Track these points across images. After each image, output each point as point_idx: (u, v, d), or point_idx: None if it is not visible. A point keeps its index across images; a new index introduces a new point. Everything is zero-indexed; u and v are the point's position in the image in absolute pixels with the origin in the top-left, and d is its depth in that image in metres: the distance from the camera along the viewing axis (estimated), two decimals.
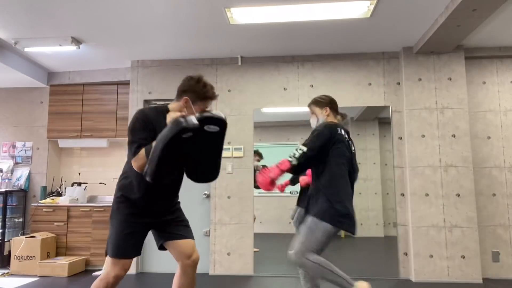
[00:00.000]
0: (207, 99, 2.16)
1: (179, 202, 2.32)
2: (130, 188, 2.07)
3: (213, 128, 1.94)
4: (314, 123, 2.63)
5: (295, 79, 4.59)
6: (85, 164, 5.35)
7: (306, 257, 2.28)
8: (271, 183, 2.40)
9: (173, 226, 2.18)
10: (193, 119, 1.83)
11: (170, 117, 1.95)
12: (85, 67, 5.02)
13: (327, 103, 2.60)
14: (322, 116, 2.57)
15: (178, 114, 1.95)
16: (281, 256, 4.90)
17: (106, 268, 2.03)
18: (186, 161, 2.09)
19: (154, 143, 1.85)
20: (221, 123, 1.98)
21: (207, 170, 2.13)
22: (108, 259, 2.04)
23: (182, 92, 2.16)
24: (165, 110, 2.11)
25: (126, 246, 2.03)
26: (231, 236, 4.40)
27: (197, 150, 2.03)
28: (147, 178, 1.85)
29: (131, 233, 2.04)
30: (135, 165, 1.93)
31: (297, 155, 2.33)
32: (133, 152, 1.94)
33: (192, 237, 2.23)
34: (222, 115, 1.98)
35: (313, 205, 2.39)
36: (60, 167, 5.40)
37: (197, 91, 2.13)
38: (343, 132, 2.47)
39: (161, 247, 2.23)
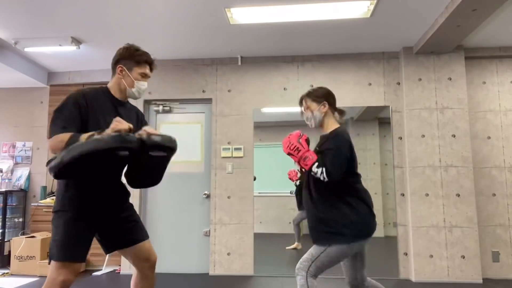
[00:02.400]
0: (142, 63, 1.98)
1: (128, 199, 2.10)
2: (71, 182, 1.86)
3: (159, 153, 1.78)
4: (311, 121, 2.26)
5: (295, 79, 4.59)
6: None
7: (308, 278, 2.16)
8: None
9: (124, 230, 1.97)
10: (134, 139, 1.66)
11: (114, 123, 1.69)
12: (85, 67, 5.01)
13: (325, 97, 2.24)
14: (319, 113, 2.22)
15: (123, 126, 1.70)
16: (281, 256, 4.91)
17: (50, 275, 1.78)
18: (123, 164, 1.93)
19: (81, 137, 1.64)
20: (170, 150, 1.82)
21: (145, 182, 2.00)
22: (53, 264, 1.79)
23: (115, 63, 2.00)
24: (105, 90, 2.00)
25: (76, 248, 1.80)
26: (231, 236, 4.40)
27: (137, 163, 1.86)
28: (48, 169, 1.64)
29: (79, 233, 1.82)
30: (50, 143, 1.71)
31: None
32: (54, 131, 1.73)
33: (146, 237, 2.02)
34: (171, 140, 1.80)
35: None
36: None
37: (129, 55, 1.97)
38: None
39: (110, 251, 2.03)
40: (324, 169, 2.02)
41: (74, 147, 1.59)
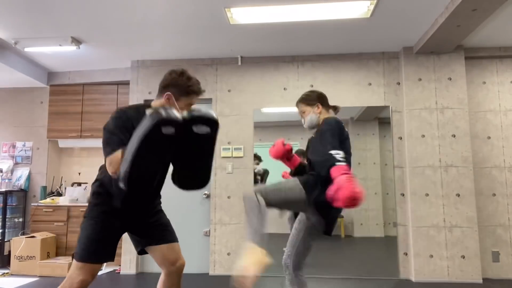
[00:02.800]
0: (191, 94, 1.91)
1: (160, 203, 2.13)
2: (105, 186, 1.89)
3: (203, 129, 1.71)
4: (308, 123, 2.37)
5: (295, 79, 4.59)
6: (85, 164, 5.35)
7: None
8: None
9: (154, 230, 2.00)
10: (176, 112, 1.62)
11: (148, 112, 1.70)
12: (85, 67, 5.01)
13: (317, 99, 2.36)
14: (314, 115, 2.33)
15: (158, 104, 1.79)
16: (281, 256, 4.90)
17: (71, 272, 1.83)
18: (170, 164, 1.90)
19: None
20: (212, 124, 1.74)
21: (194, 178, 1.89)
22: (74, 263, 1.85)
23: (164, 87, 1.94)
24: (143, 109, 1.87)
25: (99, 250, 1.85)
26: (231, 236, 4.40)
27: (183, 153, 1.80)
28: (121, 184, 1.63)
29: (104, 236, 1.86)
30: (109, 168, 1.71)
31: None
32: (108, 153, 1.72)
33: (176, 240, 2.05)
34: (213, 114, 1.75)
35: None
36: (60, 167, 5.40)
37: (180, 84, 1.90)
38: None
39: (141, 251, 2.06)
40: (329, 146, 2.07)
41: (128, 150, 1.61)
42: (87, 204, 1.99)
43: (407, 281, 4.09)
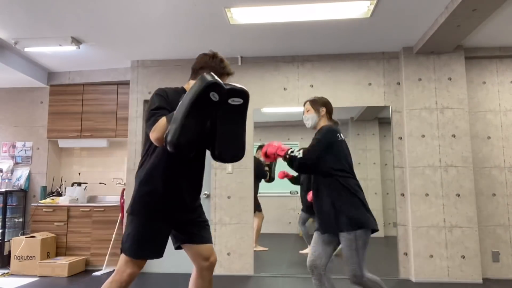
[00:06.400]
0: (224, 75, 2.06)
1: (200, 198, 2.18)
2: (151, 180, 1.91)
3: (237, 100, 1.85)
4: (309, 121, 2.60)
5: (295, 79, 4.59)
6: (85, 164, 5.35)
7: (366, 277, 2.34)
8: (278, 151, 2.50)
9: (195, 227, 2.05)
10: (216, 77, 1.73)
11: (189, 85, 1.80)
12: (85, 67, 5.01)
13: (325, 104, 2.61)
14: (316, 116, 2.57)
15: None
16: (281, 256, 4.91)
17: (120, 266, 1.89)
18: (210, 139, 1.96)
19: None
20: (244, 95, 1.87)
21: (233, 147, 1.95)
22: (122, 257, 1.89)
23: (198, 69, 2.03)
24: (181, 91, 2.00)
25: (149, 246, 1.89)
26: (231, 236, 4.40)
27: (221, 125, 1.90)
28: (168, 145, 1.67)
29: (156, 232, 1.90)
30: (153, 135, 1.76)
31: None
32: (151, 122, 1.79)
33: (211, 240, 2.12)
34: (244, 87, 1.89)
35: (336, 220, 2.36)
36: (60, 167, 5.40)
37: (214, 66, 2.01)
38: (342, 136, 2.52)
39: (178, 247, 2.12)
40: (302, 150, 2.42)
41: (178, 110, 1.68)
42: (132, 200, 1.96)
43: (407, 281, 4.09)
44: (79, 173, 5.33)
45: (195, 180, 2.07)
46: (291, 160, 2.45)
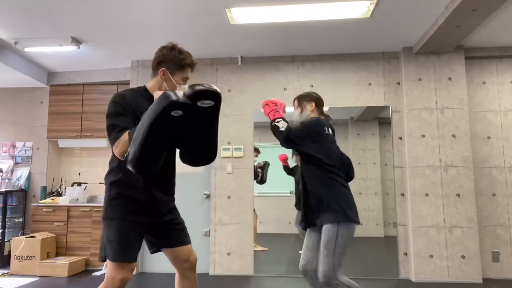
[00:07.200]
0: (185, 67, 1.91)
1: (174, 199, 2.13)
2: (119, 184, 1.86)
3: (207, 103, 1.71)
4: (298, 118, 2.61)
5: (295, 79, 4.59)
6: (85, 164, 5.35)
7: (336, 279, 2.25)
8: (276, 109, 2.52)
9: (171, 231, 1.99)
10: (182, 94, 1.63)
11: (156, 95, 1.70)
12: (85, 67, 5.01)
13: (315, 99, 2.61)
14: (306, 111, 2.58)
15: (154, 82, 1.87)
16: (281, 256, 4.91)
17: (109, 273, 1.81)
18: (178, 142, 1.89)
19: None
20: (215, 96, 1.72)
21: (203, 151, 1.89)
22: (109, 264, 1.81)
23: (157, 64, 1.92)
24: (142, 91, 1.92)
25: (131, 248, 1.83)
26: (231, 236, 4.40)
27: (190, 128, 1.82)
28: (129, 166, 1.63)
29: (133, 233, 1.85)
30: (116, 150, 1.73)
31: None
32: (114, 137, 1.74)
33: (190, 241, 2.06)
34: (215, 87, 1.74)
35: (319, 214, 2.36)
36: (60, 167, 5.40)
37: (173, 59, 1.89)
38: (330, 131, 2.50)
39: (155, 251, 2.07)
40: (287, 126, 2.43)
41: (137, 131, 1.62)
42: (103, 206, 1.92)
43: (407, 281, 4.09)
44: (79, 173, 5.33)
45: (165, 182, 2.00)
46: (273, 129, 2.47)
